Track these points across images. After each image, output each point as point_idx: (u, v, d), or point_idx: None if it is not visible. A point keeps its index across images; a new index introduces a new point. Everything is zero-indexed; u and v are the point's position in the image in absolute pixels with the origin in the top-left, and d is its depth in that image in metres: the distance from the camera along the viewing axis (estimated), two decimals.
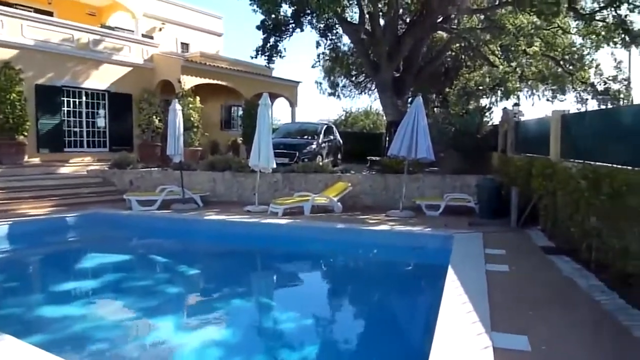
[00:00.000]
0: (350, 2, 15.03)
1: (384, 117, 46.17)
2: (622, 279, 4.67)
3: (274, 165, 10.90)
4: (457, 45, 19.31)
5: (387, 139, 16.78)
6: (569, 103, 17.64)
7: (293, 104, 23.65)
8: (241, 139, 20.34)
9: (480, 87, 14.67)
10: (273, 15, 15.37)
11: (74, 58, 15.63)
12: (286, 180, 12.04)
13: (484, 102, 19.37)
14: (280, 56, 16.84)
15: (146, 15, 19.62)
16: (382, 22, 16.66)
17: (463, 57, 21.01)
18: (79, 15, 18.22)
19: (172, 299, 6.27)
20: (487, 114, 14.35)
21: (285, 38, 16.84)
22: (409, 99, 17.96)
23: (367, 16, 16.60)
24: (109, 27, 18.75)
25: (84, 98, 16.03)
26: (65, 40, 15.46)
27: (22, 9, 15.58)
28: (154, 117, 16.98)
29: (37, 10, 16.53)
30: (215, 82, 18.79)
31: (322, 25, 18.28)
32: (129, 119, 17.16)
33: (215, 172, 12.49)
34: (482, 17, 17.92)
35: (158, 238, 9.99)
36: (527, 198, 8.69)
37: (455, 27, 17.81)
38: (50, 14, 17.09)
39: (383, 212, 10.56)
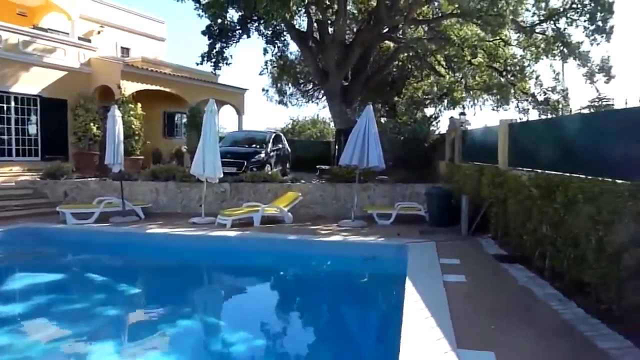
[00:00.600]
0: (299, 9, 14.86)
1: (332, 126, 46.52)
2: (578, 287, 4.67)
3: (221, 175, 10.45)
4: (404, 54, 19.61)
5: (337, 147, 16.71)
6: (512, 113, 18.48)
7: (240, 111, 23.18)
8: (185, 147, 19.61)
9: (429, 96, 14.91)
10: (219, 21, 14.96)
11: (2, 60, 14.45)
12: (234, 190, 11.61)
13: (430, 111, 19.78)
14: (226, 63, 16.43)
15: (83, 18, 18.59)
16: (330, 30, 16.62)
17: (410, 66, 21.38)
18: (8, 15, 16.92)
19: (111, 322, 5.73)
20: (434, 123, 14.61)
21: (231, 44, 16.46)
22: (357, 108, 18.02)
23: (315, 24, 16.52)
24: (41, 29, 17.58)
25: (12, 103, 14.84)
26: None
27: None
28: (92, 124, 16.01)
29: None
30: (157, 88, 18.04)
31: (269, 32, 18.03)
32: (63, 126, 16.06)
33: (158, 182, 11.85)
34: (427, 28, 18.34)
35: (95, 254, 9.25)
36: (477, 206, 8.77)
37: (402, 37, 18.10)
38: None
39: (335, 221, 10.37)
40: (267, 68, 22.39)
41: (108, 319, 5.79)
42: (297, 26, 17.49)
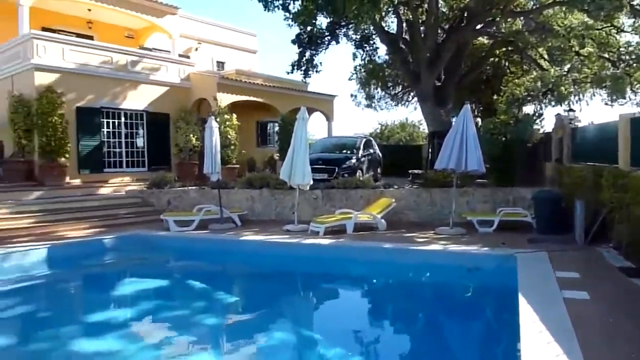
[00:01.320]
0: (389, 10, 14.53)
1: (422, 129, 45.28)
2: None
3: (311, 181, 10.40)
4: (501, 50, 18.47)
5: (430, 150, 16.08)
6: (628, 107, 16.45)
7: (329, 118, 23.25)
8: (277, 155, 20.04)
9: (531, 93, 13.80)
10: (309, 28, 15.08)
11: (113, 80, 15.75)
12: (326, 197, 11.53)
13: (530, 109, 18.42)
14: (316, 70, 16.53)
15: (182, 36, 19.75)
16: (421, 30, 16.08)
17: (507, 62, 20.11)
18: (118, 37, 18.49)
19: (207, 327, 5.83)
20: (537, 121, 13.50)
21: (320, 51, 16.52)
22: (451, 109, 17.25)
23: (405, 25, 16.08)
24: (147, 49, 18.95)
25: (122, 119, 16.10)
26: (105, 62, 15.61)
27: (64, 34, 15.88)
28: (191, 135, 16.89)
29: (78, 35, 16.84)
30: (251, 98, 18.62)
31: (358, 37, 17.89)
32: (166, 138, 17.14)
33: (253, 190, 12.12)
34: (524, 19, 17.11)
35: (195, 260, 9.63)
36: (593, 211, 7.86)
37: (498, 31, 17.04)
38: (90, 37, 17.39)
39: (430, 228, 9.88)
40: (356, 73, 22.30)
41: (205, 325, 5.90)
42: (386, 28, 17.16)
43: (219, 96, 17.00)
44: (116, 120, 15.91)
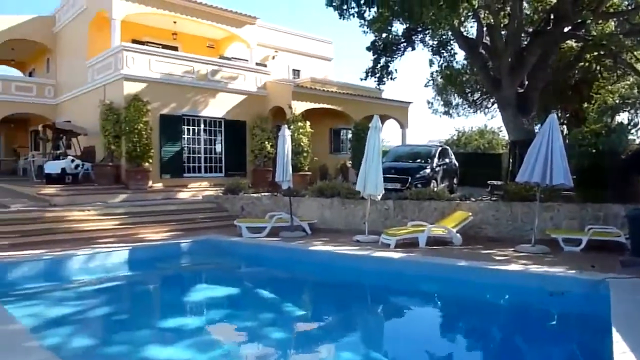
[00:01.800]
0: (469, 14, 13.95)
1: (501, 136, 43.17)
2: None
3: (382, 192, 10.15)
4: (591, 54, 17.13)
5: (511, 161, 15.21)
6: None
7: (403, 125, 22.81)
8: (350, 162, 19.95)
9: (628, 100, 12.61)
10: (384, 35, 14.86)
11: (194, 88, 16.47)
12: (398, 208, 11.23)
13: (624, 117, 16.92)
14: (391, 77, 16.23)
15: (260, 45, 20.29)
16: (503, 34, 15.30)
17: (598, 67, 18.62)
18: (200, 48, 19.35)
19: (278, 334, 5.82)
20: (633, 131, 12.32)
21: (396, 58, 16.21)
22: (535, 117, 16.23)
23: (485, 29, 15.37)
24: (226, 58, 19.66)
25: (202, 126, 16.78)
26: (187, 72, 16.37)
27: (152, 46, 16.85)
28: (266, 142, 17.26)
29: (164, 46, 17.80)
30: (324, 106, 18.70)
31: (435, 43, 17.36)
32: (243, 145, 17.65)
33: (324, 199, 12.08)
34: (617, 21, 15.75)
35: (265, 267, 9.73)
36: None
37: (588, 34, 15.81)
38: (175, 48, 18.33)
39: (510, 245, 9.28)
40: (432, 80, 21.70)
41: (272, 333, 5.87)
42: (465, 33, 16.51)
43: (294, 104, 17.22)
44: (196, 127, 16.61)
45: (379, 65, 16.24)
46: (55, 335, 5.33)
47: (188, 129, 16.39)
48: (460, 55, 18.48)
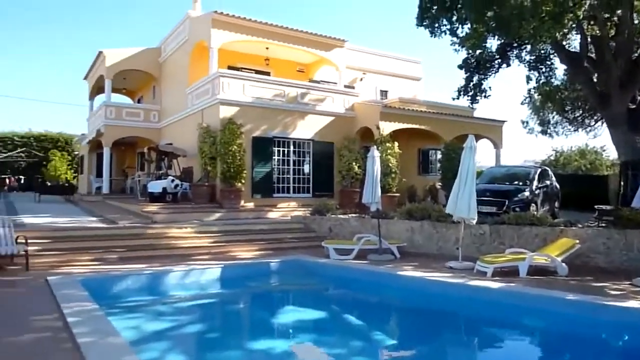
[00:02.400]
0: (573, 25, 13.01)
1: (604, 156, 39.68)
2: None
3: (475, 216, 9.54)
4: None
5: (623, 183, 13.80)
6: None
7: (497, 145, 21.69)
8: (440, 184, 19.31)
9: None
10: (477, 52, 14.31)
11: (284, 111, 16.94)
12: (495, 233, 10.53)
13: None
14: (484, 95, 15.53)
15: (348, 67, 20.47)
16: (611, 46, 14.08)
17: None
18: (290, 72, 19.96)
19: None
20: None
21: (490, 75, 15.52)
22: None
23: (590, 41, 14.26)
24: (315, 81, 20.07)
25: (291, 147, 17.15)
26: (277, 95, 16.90)
27: (245, 71, 17.66)
28: (354, 163, 17.21)
29: (257, 71, 18.58)
30: (413, 126, 18.34)
31: (533, 58, 16.41)
32: (330, 165, 17.76)
33: (414, 222, 11.68)
34: None
35: (353, 290, 9.51)
36: None
37: None
38: (267, 73, 19.05)
39: (625, 278, 8.28)
40: (529, 97, 20.51)
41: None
42: (566, 46, 15.45)
43: (382, 124, 17.07)
44: (285, 149, 17.01)
45: (471, 83, 15.64)
46: (151, 349, 5.54)
47: (278, 150, 16.83)
48: (559, 70, 17.35)
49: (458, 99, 16.37)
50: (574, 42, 16.32)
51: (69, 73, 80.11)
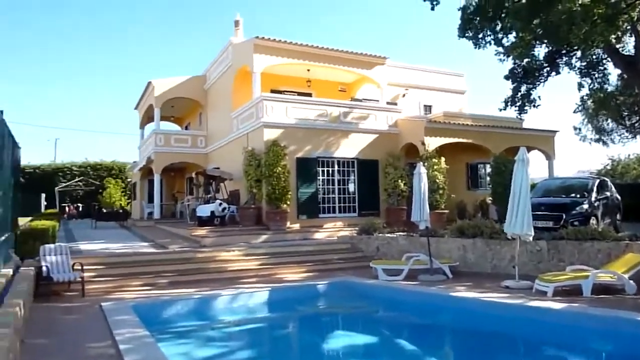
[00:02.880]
0: (627, 27, 12.37)
1: None
2: None
3: (531, 232, 9.04)
4: None
5: None
6: None
7: (550, 156, 20.76)
8: (490, 199, 18.62)
9: None
10: (524, 61, 13.84)
11: (327, 131, 16.93)
12: (553, 249, 9.96)
13: None
14: (534, 105, 14.96)
15: (390, 84, 20.31)
16: None
17: None
18: (332, 92, 20.02)
19: None
20: None
21: (538, 84, 14.95)
22: None
23: None
24: (357, 100, 20.02)
25: (335, 166, 17.07)
26: (320, 115, 16.94)
27: (288, 94, 17.85)
28: (399, 180, 16.91)
29: (299, 93, 18.76)
30: (460, 140, 17.86)
31: (584, 64, 15.72)
32: (375, 184, 17.51)
33: (465, 239, 11.24)
34: None
35: (404, 312, 9.17)
36: None
37: None
38: (309, 94, 19.18)
39: None
40: (582, 104, 19.62)
41: None
42: (621, 50, 14.69)
43: (427, 140, 16.73)
44: (329, 168, 16.94)
45: (519, 94, 15.12)
46: None
47: (322, 170, 16.78)
48: (613, 76, 16.55)
49: (505, 109, 15.92)
50: (628, 45, 15.52)
51: (121, 104, 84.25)
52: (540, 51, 14.34)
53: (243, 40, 19.05)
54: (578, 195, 12.88)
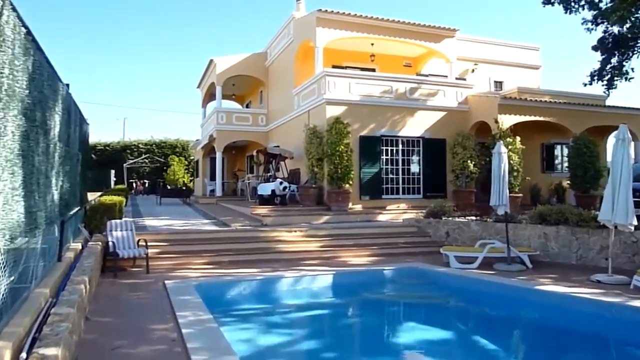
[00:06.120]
0: None
1: None
2: None
3: (635, 221, 7.97)
4: None
5: None
6: None
7: (637, 137, 18.81)
8: (568, 182, 17.18)
9: None
10: (616, 30, 12.33)
11: (392, 108, 16.12)
12: None
13: None
14: (626, 78, 13.40)
15: (459, 58, 19.07)
16: None
17: None
18: (397, 67, 19.07)
19: None
20: None
21: (633, 55, 13.35)
22: None
23: None
24: (423, 75, 18.96)
25: (400, 146, 16.28)
26: (385, 92, 16.13)
27: (351, 69, 17.14)
28: (469, 161, 15.88)
29: (362, 69, 17.99)
30: (536, 118, 16.48)
31: None
32: (442, 164, 16.57)
33: (547, 226, 10.23)
34: None
35: (480, 305, 8.43)
36: None
37: None
38: (373, 70, 18.36)
39: None
40: None
41: None
42: None
43: (500, 118, 15.52)
44: (394, 148, 16.18)
45: (608, 66, 13.58)
46: None
47: (386, 150, 16.05)
48: None
49: (591, 84, 14.42)
50: None
51: (185, 83, 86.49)
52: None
53: (305, 14, 18.44)
54: None
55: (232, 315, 7.21)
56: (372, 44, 17.97)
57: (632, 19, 11.34)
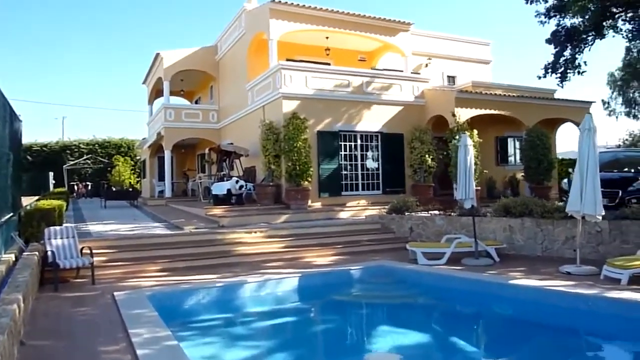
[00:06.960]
0: None
1: None
2: None
3: (602, 212, 7.94)
4: None
5: None
6: None
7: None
8: (522, 174, 17.50)
9: None
10: (569, 22, 12.51)
11: (350, 102, 15.76)
12: (616, 230, 8.87)
13: None
14: (578, 72, 13.66)
15: (413, 53, 18.96)
16: None
17: None
18: (352, 62, 18.74)
19: None
20: None
21: (585, 48, 13.62)
22: None
23: None
24: (378, 69, 18.73)
25: (358, 141, 15.95)
26: (342, 86, 15.74)
27: (306, 63, 16.61)
28: (427, 155, 15.78)
29: (317, 63, 17.50)
30: (491, 112, 16.62)
31: (630, 27, 14.32)
32: (400, 159, 16.39)
33: (512, 219, 10.16)
34: None
35: (452, 302, 8.17)
36: None
37: None
38: (327, 64, 17.90)
39: None
40: (624, 74, 18.23)
41: None
42: None
43: (457, 111, 15.50)
44: (352, 143, 15.83)
45: (561, 59, 13.80)
46: None
47: (344, 145, 15.66)
48: None
49: (545, 77, 14.62)
50: None
51: (128, 80, 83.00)
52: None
53: (257, 5, 17.74)
54: (632, 170, 11.71)
55: (193, 329, 6.55)
56: (327, 38, 17.54)
57: (592, 8, 11.50)
